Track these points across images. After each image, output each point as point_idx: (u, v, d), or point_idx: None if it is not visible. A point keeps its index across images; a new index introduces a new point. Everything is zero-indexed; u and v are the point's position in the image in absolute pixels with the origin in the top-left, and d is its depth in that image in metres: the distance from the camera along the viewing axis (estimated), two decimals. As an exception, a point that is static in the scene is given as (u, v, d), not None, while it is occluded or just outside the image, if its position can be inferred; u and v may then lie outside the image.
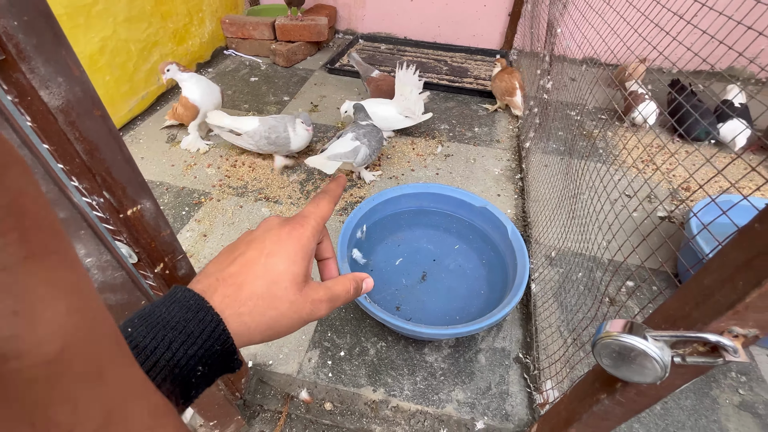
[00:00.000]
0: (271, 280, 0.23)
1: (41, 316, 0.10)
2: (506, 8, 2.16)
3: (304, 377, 0.83)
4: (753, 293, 0.28)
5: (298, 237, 0.24)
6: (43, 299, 0.10)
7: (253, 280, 0.22)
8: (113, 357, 0.13)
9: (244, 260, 0.23)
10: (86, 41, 1.30)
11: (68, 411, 0.11)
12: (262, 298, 0.22)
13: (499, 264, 0.95)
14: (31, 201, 0.10)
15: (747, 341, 0.32)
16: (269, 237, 0.24)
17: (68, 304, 0.10)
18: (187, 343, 0.19)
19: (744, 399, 0.81)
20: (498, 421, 0.77)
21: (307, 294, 0.24)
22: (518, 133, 1.59)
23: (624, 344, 0.35)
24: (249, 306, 0.22)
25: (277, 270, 0.23)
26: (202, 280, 0.23)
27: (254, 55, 2.09)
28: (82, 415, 0.11)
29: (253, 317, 0.22)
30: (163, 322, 0.20)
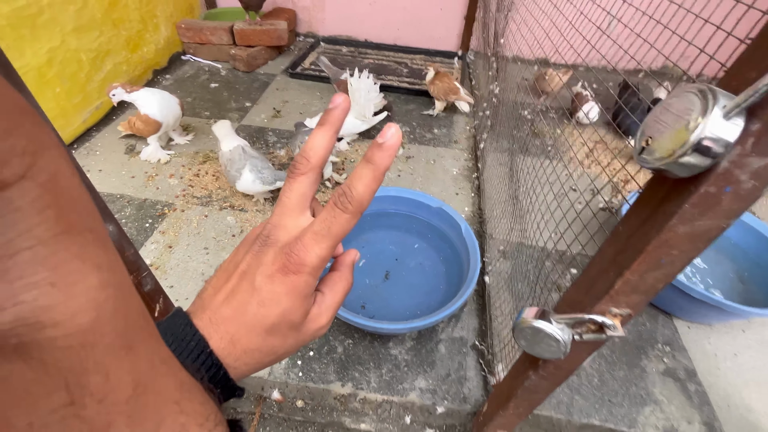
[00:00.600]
0: (265, 332, 0.21)
1: (76, 288, 0.10)
2: (461, 12, 2.24)
3: (275, 378, 0.87)
4: (618, 282, 0.35)
5: (293, 285, 0.21)
6: (77, 272, 0.10)
7: (245, 335, 0.21)
8: (142, 331, 0.13)
9: (236, 303, 0.21)
10: (33, 53, 1.25)
11: (101, 380, 0.11)
12: (258, 351, 0.21)
13: (455, 260, 1.03)
14: (67, 181, 0.10)
15: (624, 319, 0.39)
16: (260, 274, 0.21)
17: (100, 278, 0.11)
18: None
19: (668, 366, 0.93)
20: (457, 404, 0.85)
21: (307, 330, 0.22)
22: (474, 134, 1.68)
23: (535, 327, 0.42)
24: (244, 360, 0.21)
25: (269, 322, 0.21)
26: (198, 313, 0.21)
27: (213, 60, 2.06)
28: (114, 384, 0.12)
29: (248, 366, 0.21)
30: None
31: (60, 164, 0.10)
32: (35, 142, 0.09)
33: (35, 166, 0.09)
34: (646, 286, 0.35)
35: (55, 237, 0.10)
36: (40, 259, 0.09)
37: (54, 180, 0.10)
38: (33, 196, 0.09)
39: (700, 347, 0.97)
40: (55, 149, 0.10)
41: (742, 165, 0.25)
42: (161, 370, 0.14)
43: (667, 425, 0.82)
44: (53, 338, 0.10)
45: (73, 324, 0.10)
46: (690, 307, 0.95)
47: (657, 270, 0.34)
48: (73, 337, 0.10)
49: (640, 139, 0.29)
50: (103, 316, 0.11)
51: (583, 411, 0.83)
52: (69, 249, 0.10)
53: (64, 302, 0.10)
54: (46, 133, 0.10)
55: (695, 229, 0.30)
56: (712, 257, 1.13)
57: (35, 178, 0.09)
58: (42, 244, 0.09)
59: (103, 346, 0.11)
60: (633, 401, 0.85)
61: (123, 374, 0.12)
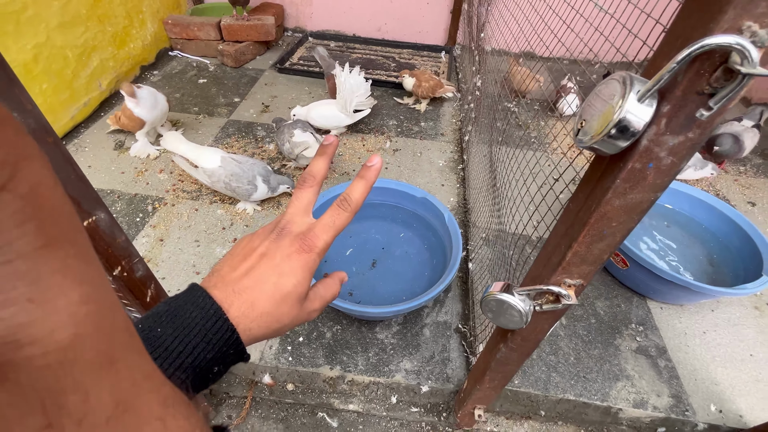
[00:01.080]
0: (280, 299, 0.25)
1: (55, 304, 0.10)
2: (447, 5, 2.27)
3: (266, 363, 0.90)
4: (569, 253, 0.39)
5: (306, 261, 0.26)
6: (57, 287, 0.10)
7: (264, 300, 0.25)
8: (124, 347, 0.13)
9: (256, 275, 0.25)
10: (18, 49, 1.26)
11: (79, 399, 0.11)
12: (270, 315, 0.25)
13: (439, 248, 1.07)
14: (48, 192, 0.10)
15: (577, 289, 0.43)
16: (279, 254, 0.26)
17: (81, 293, 0.11)
18: (206, 349, 0.23)
19: (640, 344, 0.98)
20: (440, 384, 0.89)
21: (306, 307, 0.27)
22: (460, 126, 1.71)
23: (499, 299, 0.46)
24: (258, 322, 0.25)
25: (285, 290, 0.26)
26: (219, 285, 0.25)
27: (201, 55, 2.07)
28: (94, 403, 0.11)
29: (261, 329, 0.25)
30: (188, 327, 0.23)
31: (41, 175, 0.10)
32: (15, 152, 0.09)
33: (15, 178, 0.09)
34: (593, 256, 0.39)
35: (36, 251, 0.09)
36: (20, 274, 0.09)
37: (35, 191, 0.09)
38: (13, 209, 0.09)
39: (671, 326, 1.02)
40: (36, 159, 0.10)
41: (660, 143, 0.29)
42: (144, 386, 0.13)
43: (637, 398, 0.87)
44: (30, 357, 0.10)
45: (51, 341, 0.10)
46: (662, 288, 1.00)
47: (601, 241, 0.37)
48: (52, 355, 0.10)
49: (577, 122, 0.32)
50: (83, 332, 0.11)
51: (559, 387, 0.88)
52: (49, 263, 0.10)
53: (42, 319, 0.10)
54: (27, 142, 0.09)
55: (628, 202, 0.33)
56: (683, 241, 1.18)
57: (15, 190, 0.09)
58: (21, 258, 0.09)
59: (83, 363, 0.11)
60: (606, 377, 0.90)
61: (103, 393, 0.12)
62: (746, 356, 0.96)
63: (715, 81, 0.25)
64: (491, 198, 1.03)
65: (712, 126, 0.28)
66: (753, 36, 0.23)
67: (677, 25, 0.27)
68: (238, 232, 1.18)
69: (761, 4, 0.22)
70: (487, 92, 1.26)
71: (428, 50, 2.33)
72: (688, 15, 0.26)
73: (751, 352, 0.97)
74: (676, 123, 0.28)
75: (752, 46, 0.22)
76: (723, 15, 0.23)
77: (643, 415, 0.86)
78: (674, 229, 1.22)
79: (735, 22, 0.23)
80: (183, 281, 1.04)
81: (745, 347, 0.98)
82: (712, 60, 0.25)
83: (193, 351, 0.22)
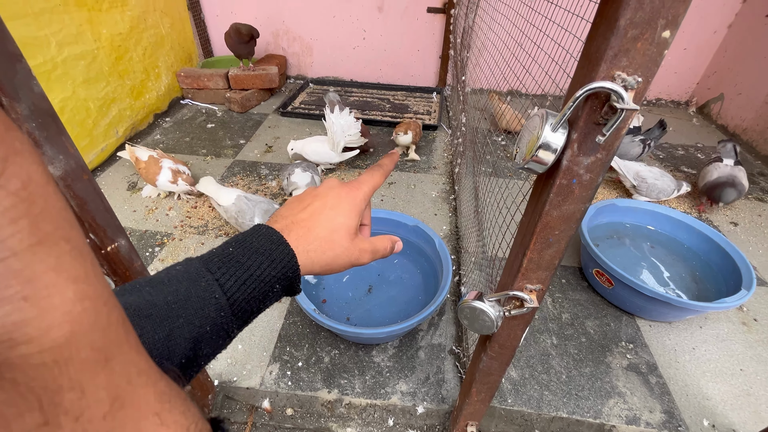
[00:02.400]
0: (332, 228, 0.29)
1: (50, 302, 0.10)
2: (437, 52, 2.46)
3: (266, 388, 0.93)
4: (525, 260, 0.45)
5: (353, 197, 0.31)
6: (52, 285, 0.10)
7: (318, 226, 0.28)
8: (120, 343, 0.13)
9: (312, 209, 0.29)
10: (46, 103, 1.39)
11: (76, 397, 0.11)
12: (324, 240, 0.28)
13: (432, 272, 1.12)
14: (41, 188, 0.10)
15: (539, 294, 0.49)
16: (331, 194, 0.30)
17: (76, 290, 0.11)
18: (271, 266, 0.26)
19: (631, 362, 1.00)
20: (435, 404, 0.91)
21: (356, 243, 0.30)
22: (451, 160, 1.81)
23: (472, 306, 0.51)
24: (314, 245, 0.28)
25: (337, 221, 0.29)
26: (279, 221, 0.29)
27: (210, 103, 2.24)
28: (90, 400, 0.11)
29: (317, 254, 0.28)
30: (256, 249, 0.26)
31: (33, 170, 0.10)
32: (5, 147, 0.09)
33: (6, 173, 0.09)
34: (546, 262, 0.45)
35: (29, 248, 0.09)
36: (13, 272, 0.09)
37: (27, 187, 0.09)
38: (5, 206, 0.09)
39: (661, 343, 1.04)
40: (27, 154, 0.10)
41: (577, 162, 0.36)
42: (140, 381, 0.14)
43: (630, 415, 0.89)
44: (26, 355, 0.10)
45: (47, 340, 0.10)
46: (646, 305, 1.04)
47: (549, 248, 0.44)
48: (48, 354, 0.10)
49: (515, 149, 0.40)
50: (79, 330, 0.11)
51: (551, 405, 0.90)
52: (44, 261, 0.10)
53: (38, 317, 0.10)
54: (18, 137, 0.09)
55: (564, 213, 0.40)
56: (667, 260, 1.23)
57: (6, 186, 0.09)
58: (15, 256, 0.09)
59: (79, 361, 0.11)
60: (598, 394, 0.92)
61: (99, 390, 0.12)
62: (736, 371, 0.98)
63: (605, 114, 0.33)
64: (476, 224, 1.09)
65: (613, 148, 0.35)
66: (624, 81, 0.31)
67: (577, 73, 0.35)
68: (241, 263, 1.24)
69: (623, 59, 0.30)
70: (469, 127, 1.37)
71: (420, 92, 2.50)
72: (582, 65, 0.34)
73: (741, 366, 0.99)
74: (586, 147, 0.35)
75: (621, 88, 0.30)
76: (599, 66, 0.31)
77: (637, 431, 0.87)
78: (658, 249, 1.27)
79: (608, 72, 0.31)
80: (188, 311, 1.09)
81: (734, 362, 1.00)
82: (600, 99, 0.32)
83: (260, 266, 0.25)
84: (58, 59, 1.42)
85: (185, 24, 2.26)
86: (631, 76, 0.31)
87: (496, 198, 0.82)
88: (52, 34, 1.41)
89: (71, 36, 1.48)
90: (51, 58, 1.40)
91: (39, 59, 1.35)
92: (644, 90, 0.31)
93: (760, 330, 1.08)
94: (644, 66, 0.30)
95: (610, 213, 1.31)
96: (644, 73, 0.31)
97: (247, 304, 0.25)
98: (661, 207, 1.29)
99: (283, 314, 1.09)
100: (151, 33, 1.93)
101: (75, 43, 1.50)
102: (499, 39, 0.94)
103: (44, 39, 1.38)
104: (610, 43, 0.30)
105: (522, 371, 0.96)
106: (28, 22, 1.32)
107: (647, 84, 0.31)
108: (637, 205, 1.31)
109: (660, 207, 1.29)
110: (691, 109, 2.39)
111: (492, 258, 0.81)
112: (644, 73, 0.31)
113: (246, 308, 0.26)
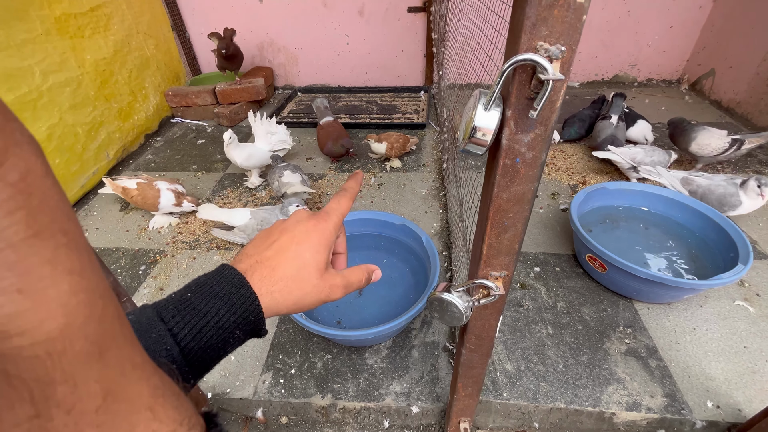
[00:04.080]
0: (300, 265, 0.27)
1: (45, 294, 0.10)
2: (421, 51, 2.46)
3: (259, 398, 0.92)
4: (484, 247, 0.44)
5: (322, 229, 0.29)
6: (47, 277, 0.10)
7: (284, 264, 0.27)
8: (115, 336, 0.13)
9: (278, 246, 0.28)
10: (34, 131, 1.42)
11: (68, 390, 0.11)
12: (291, 279, 0.27)
13: (421, 270, 1.11)
14: (39, 180, 0.10)
15: (504, 280, 0.48)
16: (299, 228, 0.29)
17: (72, 282, 0.11)
18: (231, 312, 0.24)
19: (629, 346, 0.97)
20: (430, 403, 0.89)
21: (326, 279, 0.29)
22: (440, 157, 1.80)
23: (440, 298, 0.50)
24: (279, 285, 0.26)
25: (304, 257, 0.28)
26: (244, 260, 0.27)
27: (200, 119, 2.26)
28: (83, 393, 0.11)
29: (282, 294, 0.27)
30: (214, 293, 0.25)
31: (32, 162, 0.10)
32: (4, 138, 0.09)
33: (5, 165, 0.09)
34: (505, 247, 0.44)
35: (26, 240, 0.09)
36: (9, 264, 0.09)
37: (25, 179, 0.09)
38: (3, 197, 0.09)
39: (660, 325, 1.02)
40: (26, 145, 0.10)
41: (517, 141, 0.35)
42: (133, 375, 0.13)
43: (630, 401, 0.86)
44: (19, 347, 0.10)
45: (41, 332, 0.10)
46: (642, 287, 1.01)
47: (506, 232, 0.43)
48: (41, 346, 0.10)
49: (458, 131, 0.39)
50: (73, 322, 0.11)
51: (549, 396, 0.87)
52: (40, 253, 0.10)
53: (32, 309, 0.10)
54: (17, 128, 0.09)
55: (513, 194, 0.39)
56: (662, 239, 1.20)
57: (5, 178, 0.09)
58: (11, 248, 0.09)
59: (73, 353, 0.11)
60: (597, 382, 0.90)
61: (92, 383, 0.12)
62: (740, 348, 0.95)
63: (535, 88, 0.32)
64: (460, 218, 1.08)
65: (550, 122, 0.34)
66: (547, 51, 0.30)
67: (507, 48, 0.35)
68: (232, 274, 1.24)
69: (542, 28, 0.29)
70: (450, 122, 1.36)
71: (408, 92, 2.50)
72: (509, 42, 0.33)
73: (745, 344, 0.96)
74: (522, 123, 0.34)
75: (543, 59, 0.29)
76: (520, 39, 0.30)
77: (638, 417, 0.85)
78: (652, 230, 1.24)
79: (530, 43, 0.30)
80: (181, 326, 1.09)
81: (738, 339, 0.97)
82: (527, 72, 0.32)
83: (218, 312, 0.24)
84: (43, 88, 1.45)
85: (170, 44, 2.29)
86: (554, 45, 0.30)
87: (469, 190, 0.81)
88: (36, 64, 1.43)
89: (55, 64, 1.50)
90: (36, 87, 1.42)
91: (24, 89, 1.38)
92: (570, 59, 0.30)
93: (764, 305, 1.05)
94: (566, 34, 0.29)
95: (601, 197, 1.29)
96: (567, 41, 0.30)
97: (204, 353, 0.24)
98: (653, 187, 1.26)
99: (276, 322, 1.08)
100: (135, 55, 1.96)
101: (59, 70, 1.52)
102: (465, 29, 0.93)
103: (28, 69, 1.40)
104: (526, 12, 0.29)
105: (517, 363, 0.94)
106: (11, 54, 1.35)
107: (572, 53, 0.30)
108: (628, 186, 1.29)
109: (652, 187, 1.26)
110: (683, 86, 2.36)
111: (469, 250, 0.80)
112: (567, 41, 0.30)
113: (203, 356, 0.24)
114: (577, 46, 0.30)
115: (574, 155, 1.76)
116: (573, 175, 1.63)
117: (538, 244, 1.28)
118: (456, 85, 1.06)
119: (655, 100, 2.23)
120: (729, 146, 1.45)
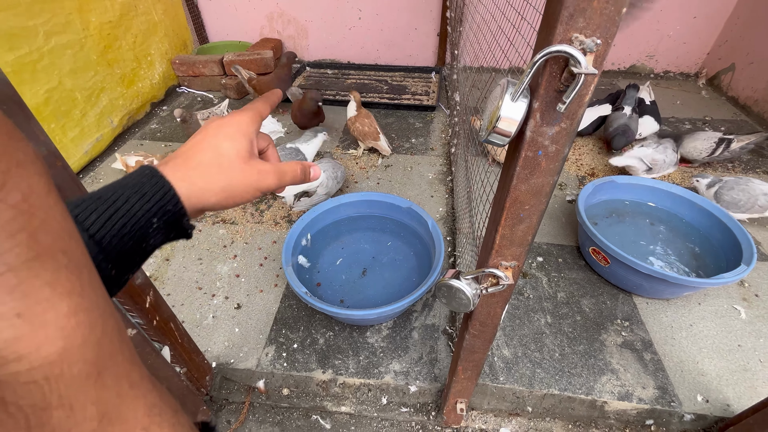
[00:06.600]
0: (217, 153, 0.27)
1: (43, 318, 0.10)
2: (435, 29, 2.39)
3: (262, 370, 0.95)
4: (497, 237, 0.45)
5: (236, 121, 0.29)
6: (46, 301, 0.10)
7: (199, 154, 0.27)
8: (113, 355, 0.13)
9: (192, 142, 0.28)
10: (32, 94, 1.39)
11: (64, 414, 0.11)
12: (210, 165, 0.26)
13: (425, 253, 1.12)
14: (41, 200, 0.10)
15: (514, 271, 0.48)
16: (212, 125, 0.29)
17: (71, 303, 0.10)
18: (142, 200, 0.23)
19: (626, 339, 0.99)
20: (428, 383, 0.92)
21: (253, 165, 0.28)
22: (449, 141, 1.79)
23: (448, 284, 0.51)
24: (198, 171, 0.26)
25: (221, 146, 0.27)
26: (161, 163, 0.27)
27: (206, 90, 2.22)
28: (79, 417, 0.11)
29: (204, 179, 0.26)
30: (123, 184, 0.24)
31: (34, 182, 0.10)
32: (7, 159, 0.09)
33: (6, 186, 0.09)
34: (518, 238, 0.44)
35: (26, 263, 0.09)
36: (9, 288, 0.09)
37: (27, 199, 0.09)
38: (4, 219, 0.09)
39: (658, 320, 1.03)
40: (30, 165, 0.09)
41: (541, 133, 0.35)
42: (130, 395, 0.13)
43: (622, 391, 0.89)
44: (16, 373, 0.09)
45: (38, 357, 0.10)
46: (643, 283, 1.02)
47: (521, 223, 0.43)
48: (38, 371, 0.10)
49: (481, 121, 0.39)
50: (72, 345, 0.10)
51: (543, 382, 0.90)
52: (40, 275, 0.10)
53: (30, 334, 0.09)
54: (21, 148, 0.09)
55: (532, 186, 0.39)
56: (667, 236, 1.20)
57: (6, 200, 0.09)
58: (12, 271, 0.09)
59: (70, 376, 0.11)
60: (591, 371, 0.92)
61: (88, 406, 0.11)
62: (734, 347, 0.97)
63: (565, 80, 0.31)
64: (468, 204, 1.08)
65: (577, 117, 0.34)
66: (582, 44, 0.29)
67: (539, 38, 0.34)
68: (238, 249, 1.25)
69: (580, 19, 0.28)
70: (463, 106, 1.34)
71: (419, 72, 2.44)
72: (542, 29, 0.33)
73: (739, 342, 0.98)
74: (548, 116, 0.34)
75: (578, 52, 0.29)
76: (555, 30, 0.29)
77: (629, 407, 0.87)
78: (658, 226, 1.24)
79: (565, 35, 0.29)
80: (186, 296, 1.11)
81: (732, 338, 0.99)
82: (559, 64, 0.31)
83: (128, 200, 0.23)
84: (44, 49, 1.42)
85: (179, 10, 2.22)
86: (590, 38, 0.29)
87: (481, 177, 0.80)
88: (41, 24, 1.40)
89: (59, 25, 1.47)
90: (38, 48, 1.39)
91: (25, 49, 1.35)
92: (604, 53, 0.30)
93: (761, 305, 1.06)
94: (603, 26, 0.29)
95: (610, 190, 1.28)
96: (603, 34, 0.29)
97: (121, 243, 0.23)
98: (662, 183, 1.26)
99: (279, 298, 1.10)
100: (142, 20, 1.91)
101: (62, 32, 1.49)
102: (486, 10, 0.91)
103: (32, 29, 1.37)
104: (564, 2, 0.28)
105: (515, 350, 0.97)
106: (20, 12, 1.32)
107: (607, 46, 0.29)
108: (637, 181, 1.28)
109: (660, 183, 1.26)
110: (700, 81, 2.30)
111: (477, 237, 0.80)
112: (603, 34, 0.29)
113: (121, 247, 0.23)
114: (613, 40, 0.29)
115: (584, 146, 1.74)
116: (582, 166, 1.62)
117: (542, 234, 1.28)
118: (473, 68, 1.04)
119: (670, 93, 2.19)
120: (716, 146, 1.45)
